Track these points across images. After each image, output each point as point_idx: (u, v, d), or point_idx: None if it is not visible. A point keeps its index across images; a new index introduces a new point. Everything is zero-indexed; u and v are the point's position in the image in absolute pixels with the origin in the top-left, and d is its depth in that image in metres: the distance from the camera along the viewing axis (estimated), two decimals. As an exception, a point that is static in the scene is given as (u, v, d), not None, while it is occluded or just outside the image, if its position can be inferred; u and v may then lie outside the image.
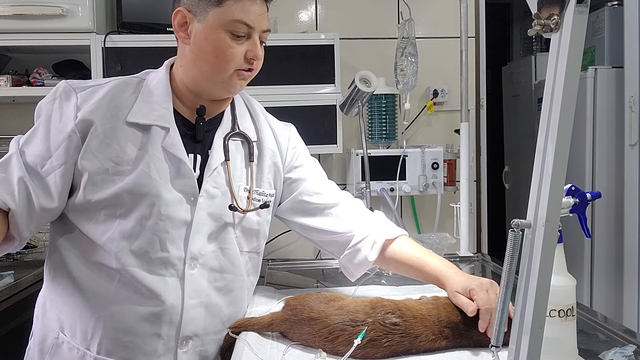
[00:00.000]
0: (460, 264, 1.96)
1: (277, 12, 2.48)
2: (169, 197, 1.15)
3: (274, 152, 1.33)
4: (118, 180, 1.12)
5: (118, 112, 1.15)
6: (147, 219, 1.13)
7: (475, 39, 2.70)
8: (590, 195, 0.97)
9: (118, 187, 1.12)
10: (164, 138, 1.17)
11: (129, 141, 1.14)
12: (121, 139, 1.14)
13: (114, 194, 1.12)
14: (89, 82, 1.19)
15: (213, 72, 1.18)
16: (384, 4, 2.59)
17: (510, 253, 0.78)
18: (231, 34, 1.16)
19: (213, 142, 1.23)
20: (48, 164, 1.12)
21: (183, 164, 1.17)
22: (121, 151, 1.13)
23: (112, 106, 1.15)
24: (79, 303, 1.15)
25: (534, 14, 0.74)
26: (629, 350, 1.04)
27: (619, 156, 2.58)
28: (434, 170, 2.32)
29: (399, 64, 2.23)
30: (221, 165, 1.22)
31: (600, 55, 2.77)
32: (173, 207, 1.15)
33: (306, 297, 1.19)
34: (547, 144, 0.74)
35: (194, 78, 1.21)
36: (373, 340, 1.08)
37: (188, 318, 1.17)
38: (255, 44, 1.19)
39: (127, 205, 1.13)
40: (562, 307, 0.96)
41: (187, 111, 1.24)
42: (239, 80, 1.21)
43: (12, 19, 2.13)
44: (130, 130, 1.15)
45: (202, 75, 1.20)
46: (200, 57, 1.18)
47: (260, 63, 1.23)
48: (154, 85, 1.21)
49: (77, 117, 1.12)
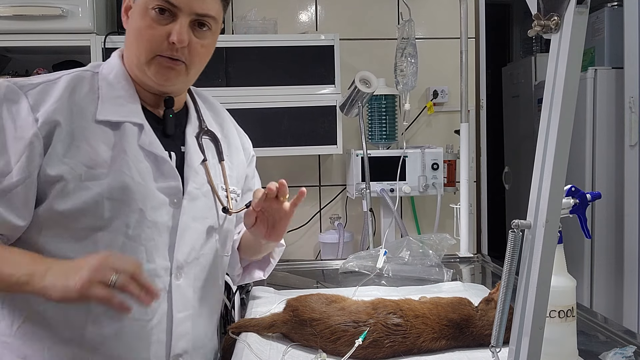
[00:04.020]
0: (460, 265, 1.96)
1: (277, 13, 2.48)
2: (155, 200, 1.04)
3: (239, 151, 1.27)
4: (94, 186, 0.99)
5: (84, 110, 1.02)
6: (132, 228, 1.01)
7: (475, 40, 2.70)
8: (590, 196, 0.97)
9: (96, 194, 0.99)
10: (139, 135, 1.05)
11: (101, 141, 1.02)
12: (92, 139, 1.01)
13: (93, 202, 0.99)
14: (34, 80, 1.04)
15: (134, 57, 1.06)
16: (384, 5, 2.59)
17: (511, 254, 0.78)
18: (155, 13, 1.02)
19: (186, 139, 1.13)
20: (7, 180, 0.96)
21: (166, 163, 1.07)
22: (94, 153, 1.00)
23: (74, 104, 1.02)
24: (46, 335, 1.00)
25: (534, 14, 0.74)
26: (629, 351, 1.04)
27: (619, 157, 2.58)
28: (434, 170, 2.32)
29: (399, 65, 2.23)
30: (200, 165, 1.13)
31: (600, 56, 2.77)
32: (159, 212, 1.04)
33: (307, 297, 1.19)
34: (547, 145, 0.74)
35: (130, 67, 1.09)
36: (375, 340, 1.08)
37: (177, 334, 1.06)
38: (180, 26, 1.02)
39: (109, 214, 1.00)
40: (562, 307, 0.96)
41: (149, 103, 1.12)
42: (161, 68, 1.05)
43: (12, 20, 2.13)
44: (100, 129, 1.02)
45: (130, 62, 1.08)
46: (129, 41, 1.07)
47: (195, 54, 1.07)
48: (113, 78, 1.08)
49: (37, 120, 0.98)
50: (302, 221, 2.59)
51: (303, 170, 2.61)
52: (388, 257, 1.76)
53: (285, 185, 1.16)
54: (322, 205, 2.63)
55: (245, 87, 2.25)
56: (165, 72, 1.06)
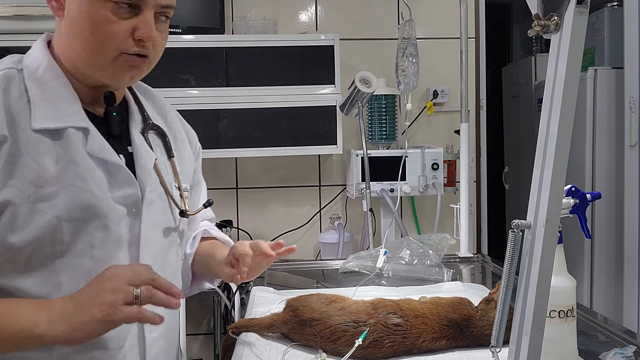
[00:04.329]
0: (460, 265, 1.96)
1: (277, 13, 2.48)
2: (116, 213, 0.92)
3: (185, 144, 1.14)
4: (47, 209, 0.85)
5: (17, 119, 0.86)
6: (97, 247, 0.89)
7: (475, 40, 2.70)
8: (590, 196, 0.97)
9: (52, 217, 0.85)
10: (86, 141, 0.91)
11: (43, 153, 0.87)
12: (33, 152, 0.86)
13: (50, 227, 0.85)
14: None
15: (90, 54, 0.91)
16: (384, 5, 2.59)
17: (510, 254, 0.78)
18: (113, 5, 0.88)
19: (132, 138, 1.00)
20: None
21: (121, 169, 0.94)
22: (39, 168, 0.85)
23: (9, 112, 0.86)
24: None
25: (534, 14, 0.74)
26: (629, 351, 1.04)
27: (619, 157, 2.58)
28: (434, 170, 2.32)
29: (400, 65, 2.23)
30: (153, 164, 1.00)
31: (600, 56, 2.77)
32: (120, 225, 0.92)
33: (307, 297, 1.19)
34: (547, 145, 0.74)
35: (71, 61, 0.93)
36: (375, 340, 1.08)
37: (151, 357, 0.97)
38: (146, 20, 0.90)
39: (69, 238, 0.87)
40: (562, 307, 0.96)
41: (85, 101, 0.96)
42: (127, 67, 0.92)
43: (12, 20, 2.13)
44: (39, 139, 0.87)
45: (78, 58, 0.92)
46: (74, 33, 0.91)
47: (159, 47, 0.95)
48: (42, 74, 0.92)
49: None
50: (302, 221, 2.60)
51: (303, 170, 2.61)
52: (388, 257, 1.76)
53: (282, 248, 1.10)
54: (322, 205, 2.63)
55: (245, 87, 2.26)
56: (130, 71, 0.93)
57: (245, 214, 2.59)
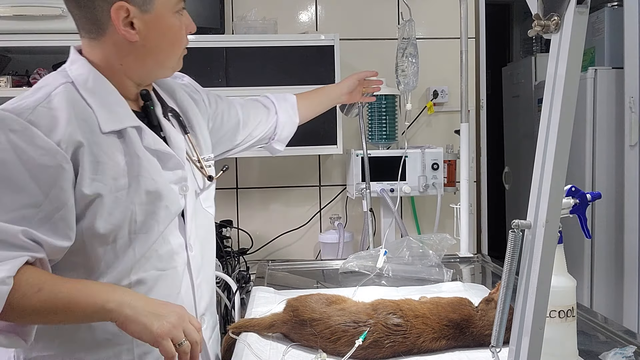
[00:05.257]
0: (460, 265, 1.96)
1: (277, 13, 2.48)
2: (173, 193, 1.12)
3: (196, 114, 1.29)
4: (123, 196, 1.04)
5: (89, 125, 1.02)
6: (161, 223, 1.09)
7: (475, 40, 2.70)
8: (590, 196, 0.98)
9: (128, 203, 1.04)
10: (142, 138, 1.09)
11: (115, 151, 1.05)
12: (108, 151, 1.03)
13: (127, 211, 1.04)
14: (26, 103, 0.99)
15: (168, 58, 1.13)
16: (384, 5, 2.59)
17: (511, 254, 0.78)
18: (177, 15, 1.11)
19: (162, 124, 1.18)
20: (46, 208, 0.96)
21: (173, 158, 1.13)
22: (114, 164, 1.04)
23: (80, 120, 1.01)
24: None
25: (534, 14, 0.74)
26: (629, 351, 1.04)
27: (619, 157, 2.58)
28: (434, 170, 2.32)
29: (400, 65, 2.22)
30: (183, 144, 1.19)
31: (600, 56, 2.77)
32: (176, 202, 1.13)
33: (307, 298, 1.19)
34: (547, 145, 0.74)
35: (147, 71, 1.13)
36: (375, 341, 1.08)
37: (199, 298, 1.19)
38: (188, 17, 1.15)
39: (141, 218, 1.06)
40: (562, 307, 0.97)
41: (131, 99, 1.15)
42: (182, 59, 1.18)
43: (12, 20, 2.12)
44: (110, 140, 1.04)
45: (158, 65, 1.13)
46: (156, 48, 1.10)
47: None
48: (93, 86, 1.06)
49: (59, 144, 0.97)
50: (302, 221, 2.60)
51: (303, 170, 2.61)
52: (388, 257, 1.76)
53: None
54: (322, 205, 2.63)
55: (245, 87, 2.25)
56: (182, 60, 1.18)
57: (245, 214, 2.59)
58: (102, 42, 1.07)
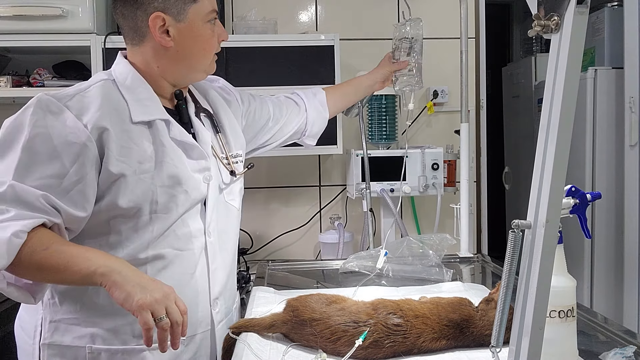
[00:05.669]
0: (460, 265, 1.96)
1: (277, 13, 2.48)
2: (193, 180, 1.23)
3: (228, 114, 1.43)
4: (146, 178, 1.17)
5: (121, 114, 1.18)
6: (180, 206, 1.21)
7: (475, 40, 2.70)
8: (590, 196, 0.97)
9: (149, 184, 1.17)
10: (169, 129, 1.23)
11: (143, 139, 1.19)
12: (136, 138, 1.18)
13: (149, 191, 1.17)
14: (68, 91, 1.17)
15: (200, 63, 1.29)
16: (384, 5, 2.59)
17: (511, 254, 0.78)
18: (209, 24, 1.26)
19: (193, 122, 1.32)
20: (67, 180, 1.10)
21: (196, 148, 1.26)
22: (141, 150, 1.17)
23: (112, 109, 1.17)
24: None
25: (534, 14, 0.74)
26: (629, 351, 1.04)
27: (619, 157, 2.58)
28: (434, 171, 2.32)
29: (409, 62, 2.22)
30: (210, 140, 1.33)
31: (600, 56, 2.77)
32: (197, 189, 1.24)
33: (307, 297, 1.19)
34: (547, 145, 0.74)
35: (181, 74, 1.28)
36: (375, 341, 1.08)
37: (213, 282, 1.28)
38: (221, 26, 1.31)
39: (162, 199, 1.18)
40: (562, 307, 0.96)
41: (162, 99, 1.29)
42: (214, 64, 1.33)
43: (12, 20, 2.12)
44: (138, 129, 1.19)
45: (191, 68, 1.29)
46: (189, 53, 1.26)
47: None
48: (130, 83, 1.23)
49: (86, 126, 1.11)
50: (302, 221, 2.60)
51: (303, 170, 2.61)
52: (388, 257, 1.76)
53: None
54: (322, 205, 2.63)
55: (246, 87, 2.25)
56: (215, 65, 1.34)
57: (245, 214, 2.57)
58: (142, 48, 1.24)
